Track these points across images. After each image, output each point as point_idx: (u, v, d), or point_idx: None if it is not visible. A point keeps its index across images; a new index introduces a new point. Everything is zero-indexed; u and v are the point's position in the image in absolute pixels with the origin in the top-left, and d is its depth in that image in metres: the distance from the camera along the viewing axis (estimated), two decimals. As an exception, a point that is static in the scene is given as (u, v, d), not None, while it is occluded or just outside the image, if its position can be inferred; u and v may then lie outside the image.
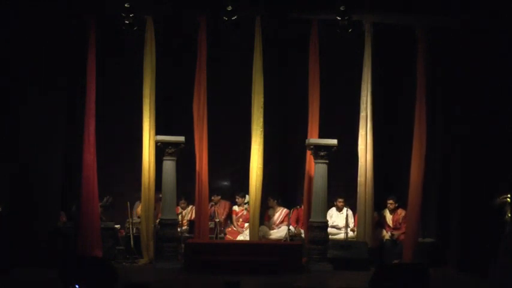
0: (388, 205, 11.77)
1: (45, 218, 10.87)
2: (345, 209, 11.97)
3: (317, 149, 10.83)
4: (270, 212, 12.17)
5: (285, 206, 12.18)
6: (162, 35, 11.58)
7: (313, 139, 11.11)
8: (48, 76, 10.99)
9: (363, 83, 11.52)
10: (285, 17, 11.57)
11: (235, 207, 12.26)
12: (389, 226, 11.70)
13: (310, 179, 11.27)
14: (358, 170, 11.46)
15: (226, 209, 12.23)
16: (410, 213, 11.33)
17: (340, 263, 10.84)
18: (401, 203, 11.71)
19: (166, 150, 10.85)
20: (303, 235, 11.70)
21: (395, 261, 11.15)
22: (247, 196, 11.94)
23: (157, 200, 11.44)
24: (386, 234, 11.57)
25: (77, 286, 7.31)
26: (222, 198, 12.29)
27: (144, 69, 11.30)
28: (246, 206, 12.06)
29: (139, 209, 11.65)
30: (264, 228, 11.93)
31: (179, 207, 11.78)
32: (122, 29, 11.05)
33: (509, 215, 9.74)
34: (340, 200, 11.97)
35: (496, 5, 10.51)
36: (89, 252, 10.74)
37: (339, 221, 11.82)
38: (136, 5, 10.81)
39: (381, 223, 11.78)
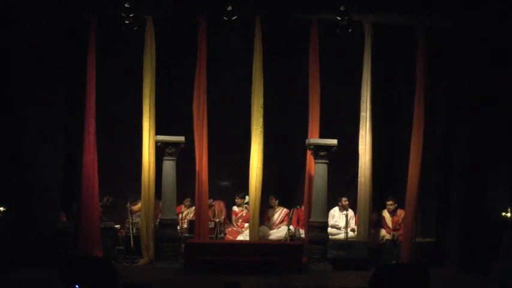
0: (388, 206, 11.75)
1: (45, 218, 10.87)
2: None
3: (317, 149, 10.83)
4: (270, 212, 12.15)
5: (285, 206, 12.18)
6: (162, 35, 11.58)
7: (313, 139, 11.11)
8: (48, 76, 10.98)
9: (363, 83, 11.52)
10: (285, 17, 11.57)
11: (235, 208, 12.24)
12: (388, 227, 11.67)
13: (310, 179, 11.27)
14: (359, 170, 11.46)
15: (222, 209, 12.21)
16: (406, 214, 11.34)
17: (340, 263, 10.84)
18: (401, 204, 11.69)
19: (166, 150, 10.86)
20: (303, 235, 11.70)
21: (393, 261, 11.17)
22: (247, 197, 11.94)
23: (157, 204, 11.45)
24: (387, 235, 11.56)
25: (77, 286, 7.31)
26: (219, 198, 12.26)
27: (144, 69, 11.30)
28: (246, 206, 12.05)
29: (137, 206, 11.64)
30: (264, 228, 11.91)
31: (182, 206, 11.79)
32: (122, 29, 11.08)
33: (510, 214, 9.75)
34: (344, 199, 11.91)
35: (496, 5, 10.51)
36: (89, 252, 10.74)
37: (341, 221, 11.79)
38: (136, 5, 10.83)
39: (380, 223, 11.76)
